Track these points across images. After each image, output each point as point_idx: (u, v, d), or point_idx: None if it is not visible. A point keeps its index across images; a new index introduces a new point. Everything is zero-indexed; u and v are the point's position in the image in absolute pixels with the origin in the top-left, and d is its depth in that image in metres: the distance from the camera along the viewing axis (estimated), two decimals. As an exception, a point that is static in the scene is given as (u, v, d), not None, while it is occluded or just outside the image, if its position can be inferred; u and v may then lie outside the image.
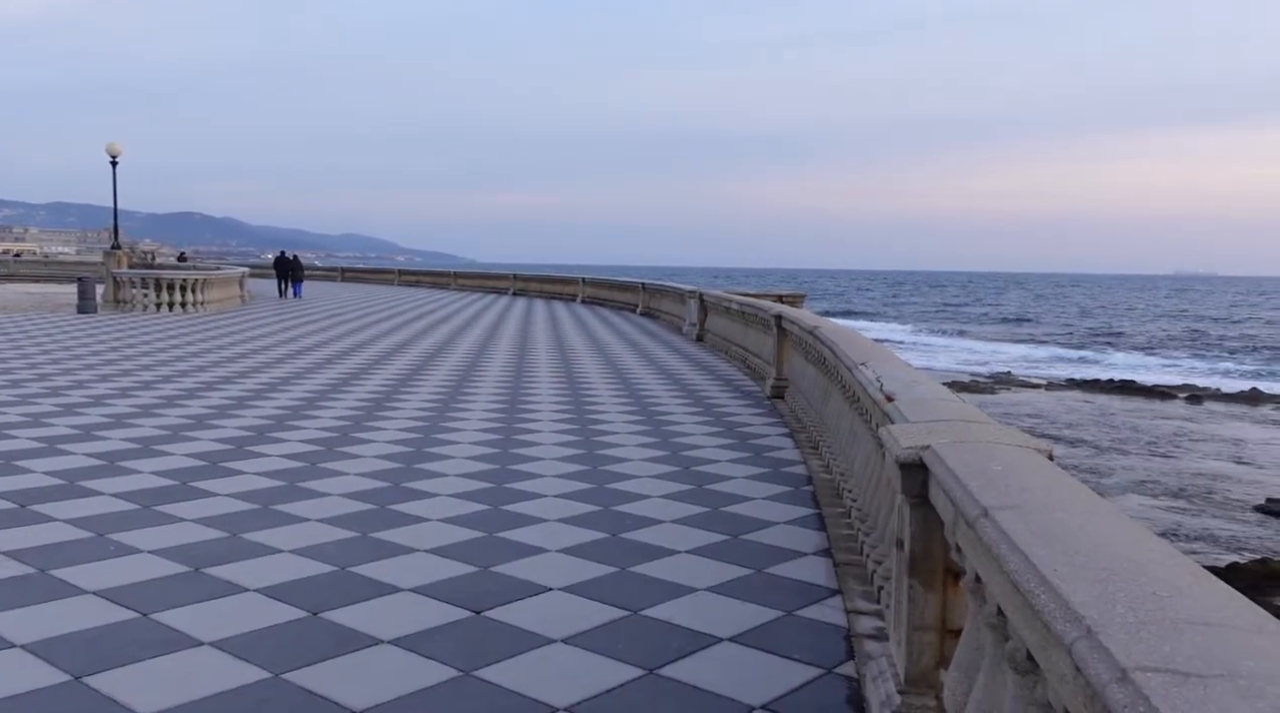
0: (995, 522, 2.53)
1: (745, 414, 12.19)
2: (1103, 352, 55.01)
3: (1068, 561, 2.14)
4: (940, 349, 54.49)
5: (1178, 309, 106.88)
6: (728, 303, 19.98)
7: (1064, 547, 2.24)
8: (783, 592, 5.57)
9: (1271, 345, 59.48)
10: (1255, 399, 32.84)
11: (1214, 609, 1.81)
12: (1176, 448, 23.17)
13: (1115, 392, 34.40)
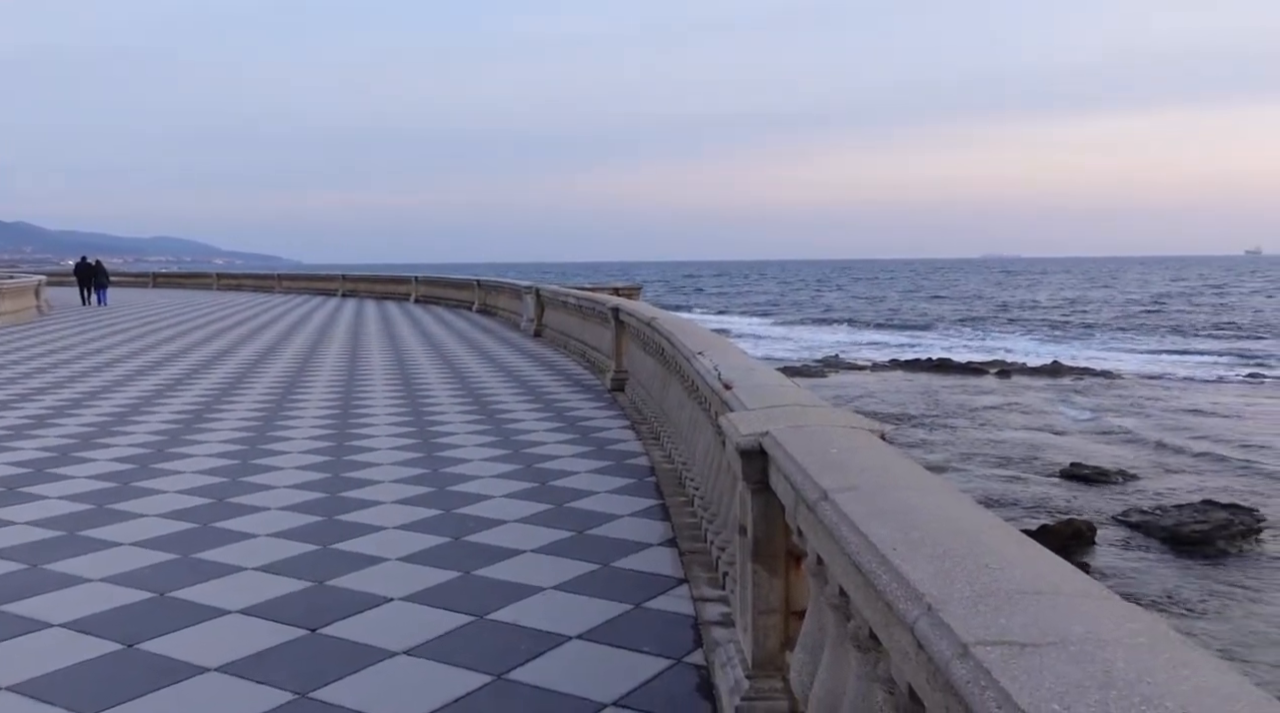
0: (835, 504, 2.56)
1: (586, 408, 12.16)
2: (918, 333, 58.14)
3: (906, 538, 2.17)
4: (773, 337, 56.22)
5: (980, 292, 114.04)
6: (565, 297, 19.91)
7: (901, 525, 2.28)
8: (630, 585, 5.55)
9: (1065, 321, 64.31)
10: (1057, 371, 35.40)
11: (1043, 577, 1.86)
12: (991, 420, 24.69)
13: (934, 370, 36.36)
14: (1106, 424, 24.13)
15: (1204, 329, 56.33)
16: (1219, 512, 14.63)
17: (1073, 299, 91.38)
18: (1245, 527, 14.16)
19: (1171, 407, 26.99)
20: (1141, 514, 15.13)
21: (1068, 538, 13.81)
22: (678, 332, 8.17)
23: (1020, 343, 50.30)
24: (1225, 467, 18.96)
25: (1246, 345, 46.85)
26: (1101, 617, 1.63)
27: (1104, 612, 1.66)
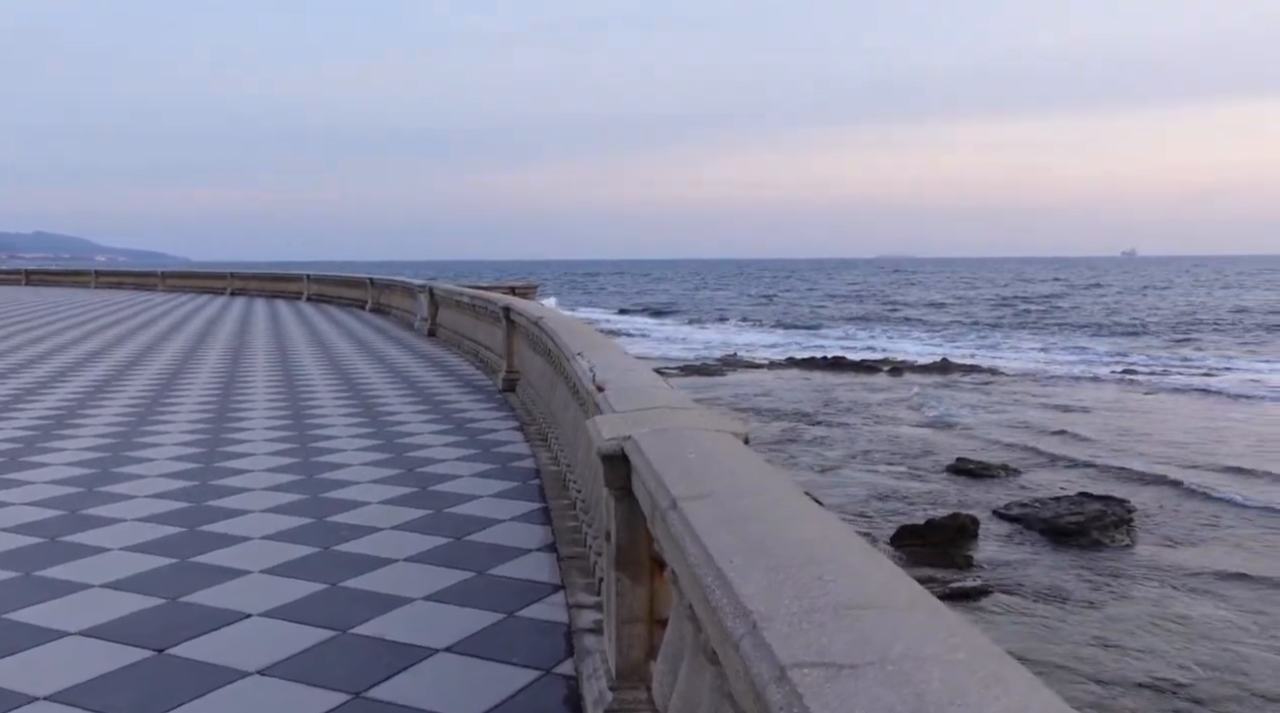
0: (682, 513, 2.47)
1: (476, 409, 11.92)
2: (815, 332, 59.25)
3: (746, 549, 2.08)
4: (673, 336, 56.52)
5: (870, 290, 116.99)
6: (459, 296, 19.56)
7: (745, 535, 2.19)
8: (505, 593, 5.39)
9: (958, 320, 66.38)
10: (946, 368, 36.45)
11: (875, 590, 1.80)
12: (883, 417, 25.23)
13: (829, 368, 37.04)
14: (992, 420, 24.90)
15: (1082, 327, 58.81)
16: (1094, 503, 15.20)
17: (963, 297, 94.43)
18: (1118, 517, 14.74)
19: (1052, 402, 28.04)
20: (1022, 507, 15.61)
21: (954, 532, 14.17)
22: (561, 331, 8.04)
23: (910, 341, 51.66)
24: (1100, 460, 19.74)
25: (1121, 342, 49.06)
26: (925, 633, 1.56)
27: (929, 627, 1.59)
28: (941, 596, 11.88)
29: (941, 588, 12.00)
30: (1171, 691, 9.17)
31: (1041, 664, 9.78)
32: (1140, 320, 63.04)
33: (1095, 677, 9.49)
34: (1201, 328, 57.13)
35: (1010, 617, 11.21)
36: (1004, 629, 10.77)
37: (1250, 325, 58.13)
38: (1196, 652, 10.06)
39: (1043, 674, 9.52)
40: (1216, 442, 21.68)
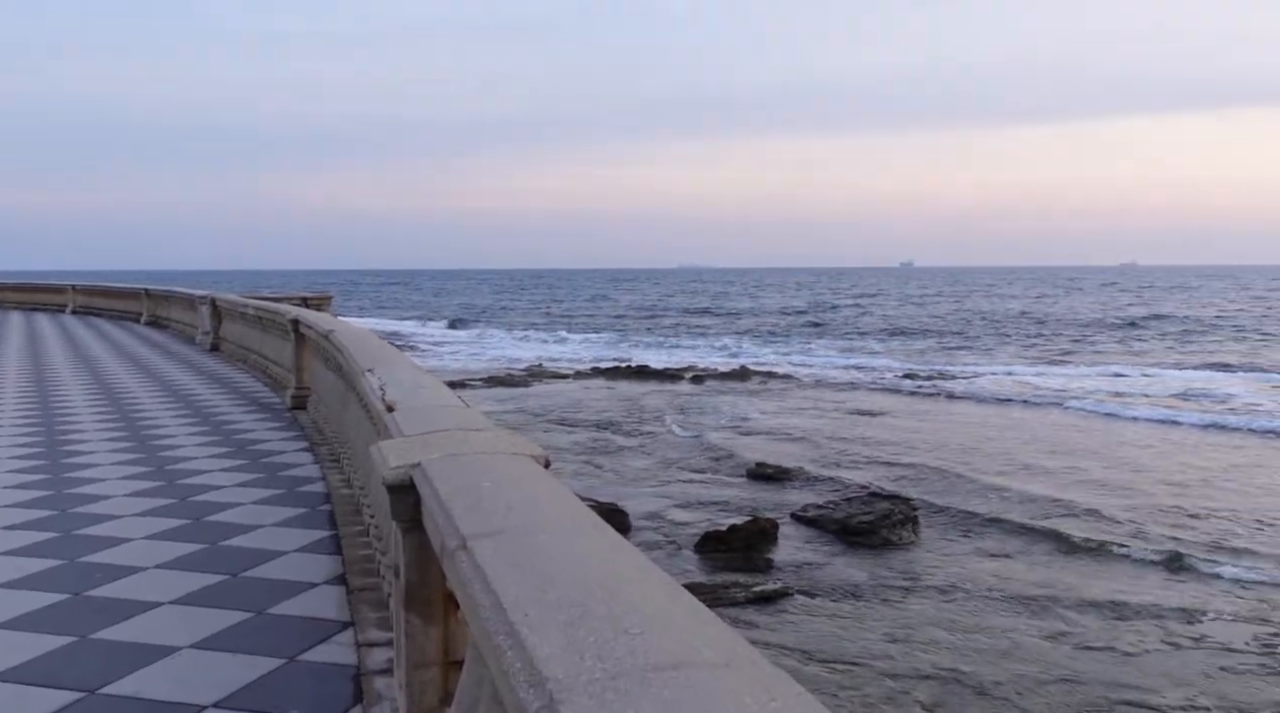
0: (472, 555, 2.21)
1: (261, 430, 11.11)
2: (620, 340, 59.93)
3: (541, 598, 1.85)
4: (477, 346, 55.62)
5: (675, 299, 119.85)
6: (243, 308, 18.34)
7: (541, 580, 1.96)
8: (286, 634, 4.92)
9: (754, 330, 68.80)
10: (745, 375, 37.60)
11: (684, 643, 1.61)
12: (689, 424, 25.63)
13: (634, 377, 37.42)
14: (788, 425, 25.79)
15: (870, 334, 62.29)
16: (882, 503, 15.92)
17: (759, 307, 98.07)
18: (904, 515, 15.49)
19: (845, 407, 29.37)
20: (817, 509, 16.16)
21: (754, 536, 14.48)
22: (351, 345, 7.54)
23: (711, 349, 53.06)
24: (887, 461, 20.77)
25: (904, 348, 52.24)
26: (737, 695, 1.38)
27: (741, 687, 1.41)
28: (745, 599, 12.06)
29: (745, 592, 12.21)
30: (955, 680, 9.63)
31: (838, 662, 10.07)
32: (922, 328, 67.41)
33: (888, 672, 9.84)
34: (974, 333, 61.72)
35: (809, 617, 11.50)
36: (803, 630, 11.04)
37: (1023, 331, 63.22)
38: (976, 641, 10.64)
39: (840, 672, 9.81)
40: (989, 440, 23.32)
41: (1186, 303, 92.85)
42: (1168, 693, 9.26)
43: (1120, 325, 65.82)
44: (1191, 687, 9.42)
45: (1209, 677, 9.66)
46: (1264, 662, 9.98)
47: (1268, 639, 10.51)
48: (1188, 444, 22.47)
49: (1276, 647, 10.36)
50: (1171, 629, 10.83)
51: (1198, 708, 8.98)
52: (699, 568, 13.39)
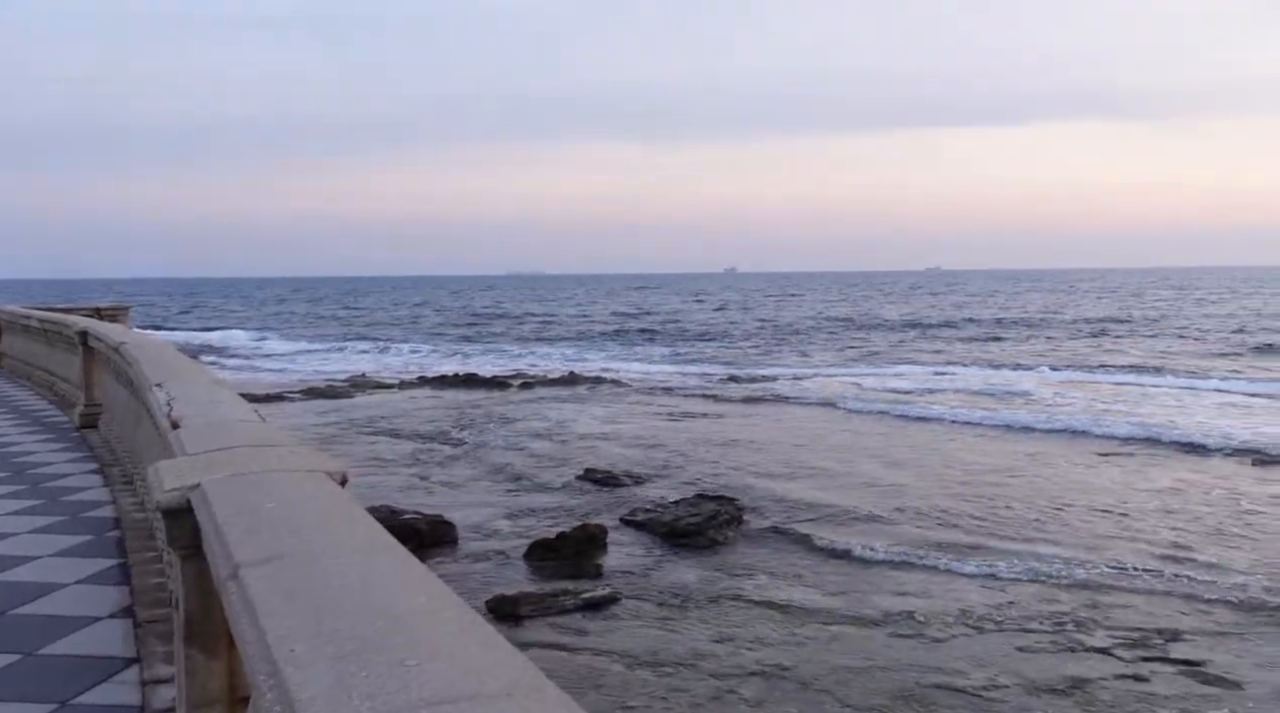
0: (242, 584, 2.02)
1: (44, 451, 10.20)
2: (453, 345, 58.86)
3: (315, 631, 1.69)
4: (299, 356, 53.38)
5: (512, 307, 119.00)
6: (25, 320, 16.88)
7: (318, 611, 1.80)
8: (62, 675, 4.47)
9: (583, 336, 69.02)
10: (573, 381, 37.61)
11: (469, 674, 1.49)
12: (515, 431, 25.36)
13: (461, 385, 36.78)
14: (617, 429, 25.94)
15: (696, 339, 63.62)
16: (709, 504, 16.20)
17: (587, 314, 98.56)
18: (730, 515, 15.80)
19: (670, 410, 29.80)
20: (646, 513, 16.28)
21: (583, 542, 14.43)
22: (143, 358, 7.00)
23: (540, 356, 52.86)
24: (713, 461, 21.19)
25: (728, 352, 53.61)
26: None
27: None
28: (574, 607, 11.97)
29: (574, 599, 12.12)
30: (779, 675, 9.86)
31: (666, 664, 10.14)
32: (746, 332, 69.41)
33: (715, 671, 9.97)
34: (800, 337, 64.04)
35: (637, 621, 11.53)
36: (632, 634, 11.06)
37: (844, 333, 66.00)
38: (798, 635, 10.94)
39: (667, 674, 9.86)
40: (811, 439, 24.18)
41: (987, 306, 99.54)
42: (973, 674, 9.77)
43: (932, 326, 69.88)
44: (993, 667, 9.98)
45: (1007, 657, 10.27)
46: (1055, 639, 10.71)
47: (1059, 619, 11.29)
48: (990, 442, 23.97)
49: (1066, 626, 11.13)
50: (977, 615, 11.47)
51: (999, 687, 9.50)
52: (528, 577, 13.22)
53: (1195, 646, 10.45)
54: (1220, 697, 9.27)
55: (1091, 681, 9.62)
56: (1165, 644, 10.46)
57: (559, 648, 10.66)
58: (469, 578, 13.09)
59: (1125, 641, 10.58)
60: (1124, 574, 12.96)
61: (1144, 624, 11.05)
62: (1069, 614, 11.39)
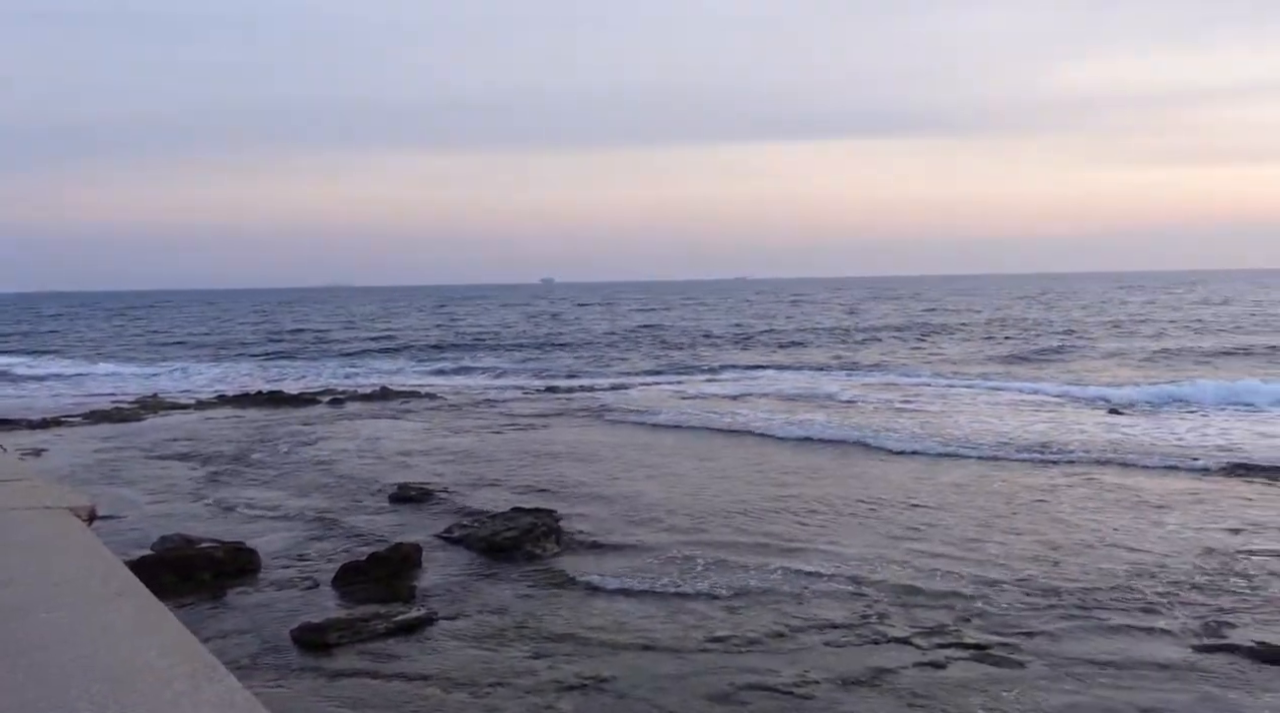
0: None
1: None
2: (256, 362, 55.97)
3: (15, 702, 1.45)
4: (87, 378, 49.41)
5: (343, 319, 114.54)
6: None
7: (20, 677, 1.55)
8: None
9: (396, 349, 67.27)
10: (386, 395, 36.52)
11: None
12: (325, 450, 24.33)
13: (265, 404, 35.02)
14: (433, 444, 25.33)
15: (513, 350, 63.17)
16: (526, 517, 16.02)
17: (397, 326, 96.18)
18: (547, 527, 15.67)
19: (487, 423, 29.40)
20: (462, 529, 15.93)
21: (396, 563, 13.94)
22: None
23: (352, 369, 51.09)
24: (530, 474, 21.01)
25: (545, 362, 53.52)
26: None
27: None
28: (386, 631, 11.53)
29: (386, 623, 11.68)
30: (598, 688, 9.81)
31: (482, 685, 9.90)
32: (566, 342, 69.49)
33: (532, 688, 9.82)
34: (619, 347, 64.65)
35: (454, 641, 11.23)
36: (448, 655, 10.76)
37: (663, 344, 67.04)
38: (616, 644, 10.94)
39: (484, 695, 9.62)
40: (631, 447, 24.38)
41: (791, 315, 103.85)
42: (785, 672, 10.04)
43: (747, 335, 72.14)
44: (803, 664, 10.29)
45: (817, 653, 10.63)
46: (860, 633, 11.16)
47: (863, 612, 11.79)
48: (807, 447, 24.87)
49: (870, 619, 11.63)
50: (787, 614, 11.82)
51: (809, 682, 9.79)
52: (337, 603, 12.65)
53: (985, 631, 11.13)
54: (1006, 677, 9.90)
55: (893, 670, 10.07)
56: (959, 631, 11.08)
57: (370, 675, 10.22)
58: (273, 608, 12.39)
59: (923, 630, 11.14)
60: (920, 570, 13.68)
61: (941, 614, 11.69)
62: (873, 608, 11.91)
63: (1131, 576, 12.90)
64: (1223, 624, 11.08)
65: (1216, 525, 15.39)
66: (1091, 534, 15.00)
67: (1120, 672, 9.86)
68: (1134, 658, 10.18)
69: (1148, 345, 53.44)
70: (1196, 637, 10.75)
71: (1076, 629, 11.04)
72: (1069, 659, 10.21)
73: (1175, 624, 11.14)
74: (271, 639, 11.29)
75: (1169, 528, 15.31)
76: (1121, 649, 10.44)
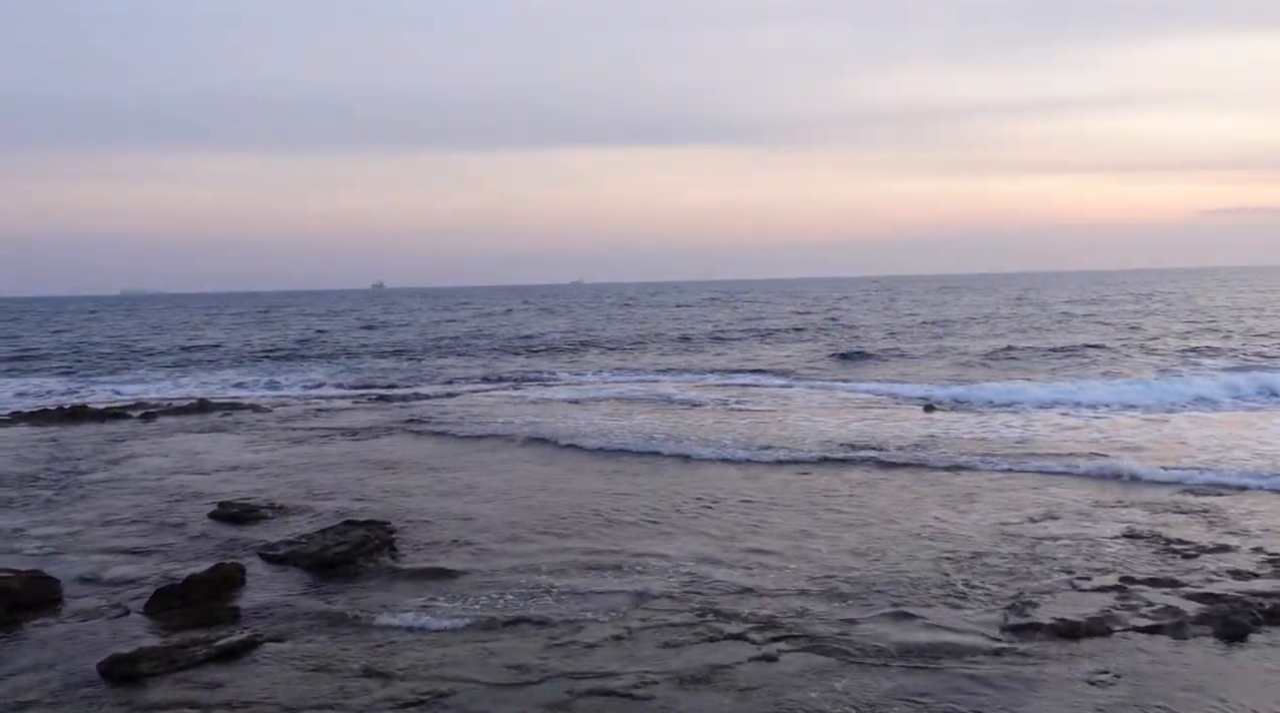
0: None
1: None
2: (56, 374, 51.93)
3: None
4: None
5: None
6: None
7: None
8: None
9: (215, 359, 63.90)
10: (205, 408, 34.62)
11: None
12: (135, 469, 22.85)
13: (68, 419, 32.58)
14: (257, 459, 24.21)
15: (342, 357, 61.09)
16: (358, 530, 15.53)
17: (215, 335, 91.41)
18: (380, 540, 15.25)
19: (314, 435, 28.34)
20: (289, 545, 15.29)
21: (217, 584, 13.24)
22: None
23: (164, 381, 48.14)
24: (361, 486, 20.39)
25: (372, 372, 52.01)
26: None
27: None
28: (205, 657, 10.92)
29: (206, 648, 11.08)
30: (436, 703, 9.64)
31: (309, 708, 9.52)
32: (398, 348, 67.71)
33: (366, 708, 9.53)
34: (456, 353, 63.47)
35: (280, 664, 10.76)
36: (273, 679, 10.30)
37: (502, 349, 66.20)
38: (455, 657, 10.74)
39: (316, 719, 9.25)
40: (464, 455, 24.00)
41: (628, 318, 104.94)
42: (624, 675, 10.11)
43: (585, 339, 72.31)
44: (642, 665, 10.40)
45: (655, 654, 10.76)
46: (698, 631, 11.38)
47: (702, 608, 12.02)
48: (632, 443, 25.09)
49: (707, 617, 11.87)
50: (625, 616, 11.91)
51: (648, 683, 9.90)
52: (151, 631, 11.90)
53: (816, 623, 11.56)
54: (835, 667, 10.31)
55: (729, 665, 10.31)
56: (791, 625, 11.46)
57: (189, 706, 9.66)
58: (78, 640, 11.52)
59: (757, 625, 11.46)
60: (752, 568, 14.06)
61: (773, 609, 12.05)
62: (709, 607, 12.16)
63: (946, 564, 13.69)
64: (1027, 605, 11.91)
65: (1019, 514, 16.54)
66: (910, 527, 15.83)
67: (939, 656, 10.44)
68: (950, 643, 10.79)
69: (970, 346, 56.92)
70: (1005, 618, 11.50)
71: (898, 618, 11.62)
72: (893, 646, 10.73)
73: (986, 608, 11.89)
74: (78, 674, 10.49)
75: (976, 518, 16.33)
76: (939, 634, 11.05)
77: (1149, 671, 9.95)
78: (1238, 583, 12.53)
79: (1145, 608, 11.70)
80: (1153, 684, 9.63)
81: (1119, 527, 15.46)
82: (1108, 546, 14.46)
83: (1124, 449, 22.23)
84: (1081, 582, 12.80)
